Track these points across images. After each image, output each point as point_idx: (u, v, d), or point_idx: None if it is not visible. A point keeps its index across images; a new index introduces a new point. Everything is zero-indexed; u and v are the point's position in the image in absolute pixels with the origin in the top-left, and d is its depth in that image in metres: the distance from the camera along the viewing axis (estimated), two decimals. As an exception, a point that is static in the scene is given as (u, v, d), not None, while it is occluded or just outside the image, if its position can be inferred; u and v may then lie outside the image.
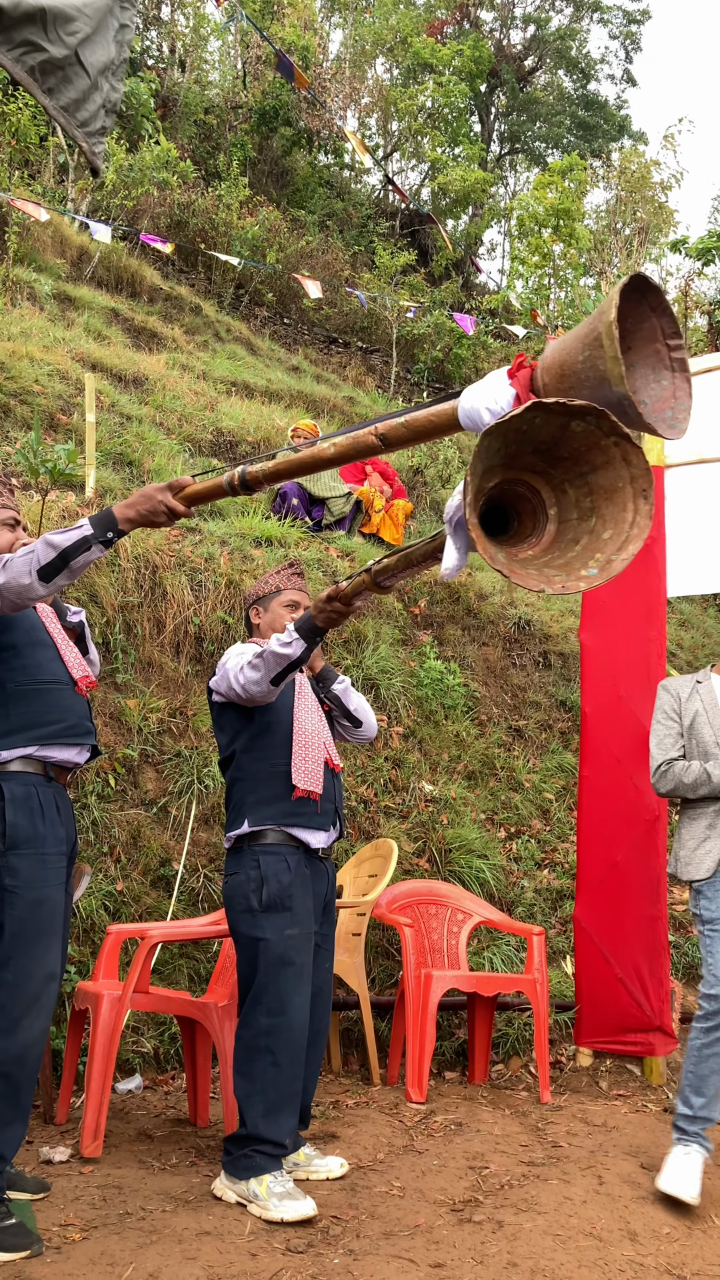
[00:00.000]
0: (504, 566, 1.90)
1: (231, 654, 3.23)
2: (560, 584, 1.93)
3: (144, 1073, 4.19)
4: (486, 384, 2.01)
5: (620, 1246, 2.78)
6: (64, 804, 2.89)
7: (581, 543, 1.97)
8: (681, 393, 1.95)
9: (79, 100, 2.01)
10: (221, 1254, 2.55)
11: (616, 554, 1.94)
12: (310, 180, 17.56)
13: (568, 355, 1.88)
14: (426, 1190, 3.11)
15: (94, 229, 7.32)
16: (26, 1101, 2.66)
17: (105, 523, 2.55)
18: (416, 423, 2.13)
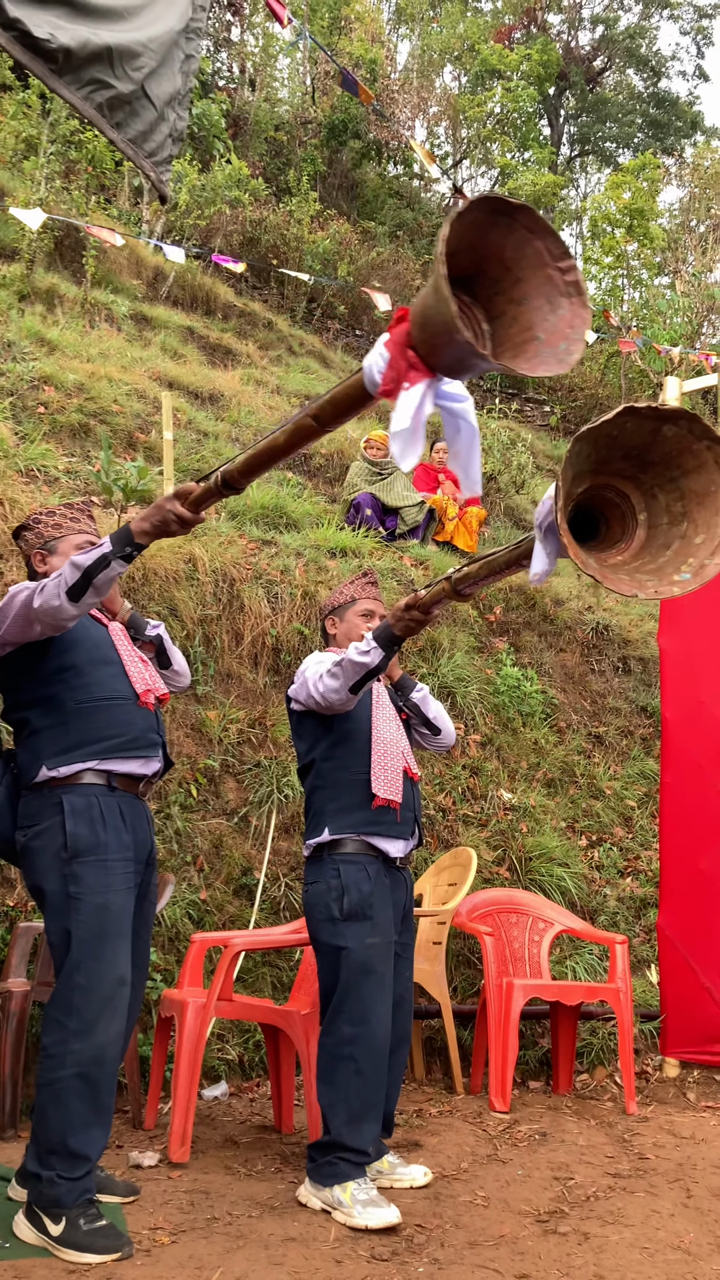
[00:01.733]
0: (595, 572, 1.88)
1: (310, 663, 3.26)
2: (653, 589, 1.90)
3: (229, 1080, 4.25)
4: (378, 344, 1.90)
5: (710, 1260, 2.74)
6: (131, 811, 2.93)
7: (673, 548, 1.94)
8: (579, 320, 1.78)
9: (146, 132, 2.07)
10: (307, 1260, 2.58)
11: (710, 558, 1.90)
12: (380, 191, 17.65)
13: (424, 303, 1.71)
14: (511, 1200, 3.10)
15: (167, 251, 7.46)
16: (107, 1104, 2.72)
17: (123, 539, 2.63)
18: (338, 398, 2.08)
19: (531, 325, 1.77)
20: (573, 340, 1.78)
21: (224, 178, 12.38)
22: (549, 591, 7.50)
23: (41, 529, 3.11)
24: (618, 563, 2.00)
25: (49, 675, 2.90)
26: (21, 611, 2.75)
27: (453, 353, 1.73)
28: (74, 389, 7.27)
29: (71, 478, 6.23)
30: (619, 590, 1.89)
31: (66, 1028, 2.69)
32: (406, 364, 1.81)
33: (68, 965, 2.73)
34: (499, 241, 1.72)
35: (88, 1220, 2.57)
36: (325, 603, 3.55)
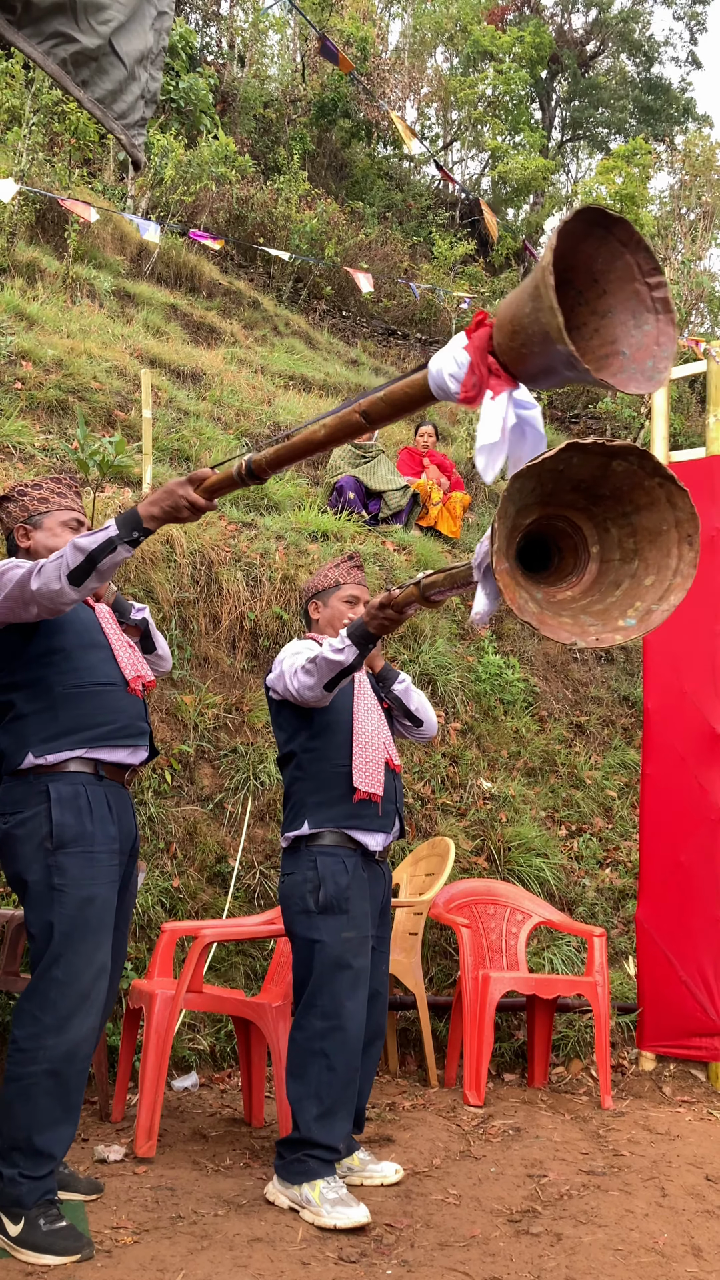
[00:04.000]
0: (534, 618, 1.79)
1: (287, 653, 3.18)
2: (595, 635, 1.81)
3: (200, 1070, 4.18)
4: (449, 347, 1.86)
5: (684, 1263, 2.69)
6: (118, 802, 2.86)
7: (623, 586, 1.86)
8: (665, 338, 1.76)
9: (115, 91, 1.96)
10: (273, 1262, 2.51)
11: (658, 604, 1.83)
12: (369, 172, 17.46)
13: (517, 309, 1.69)
14: (483, 1199, 3.04)
15: (143, 227, 7.30)
16: (76, 1100, 2.65)
17: (130, 522, 2.54)
18: (394, 396, 2.03)
19: (615, 339, 1.75)
20: (660, 358, 1.75)
21: (211, 154, 12.19)
22: (532, 579, 7.43)
23: (27, 502, 2.98)
24: (566, 599, 1.91)
25: (36, 658, 2.81)
26: (15, 592, 2.64)
27: (543, 363, 1.71)
28: (53, 365, 7.13)
29: (48, 455, 6.10)
30: (558, 638, 1.80)
31: (40, 1022, 2.61)
32: (488, 370, 1.79)
33: (46, 958, 2.65)
34: (590, 252, 1.70)
35: (48, 1221, 2.49)
36: (307, 585, 3.46)
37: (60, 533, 2.96)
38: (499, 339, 1.75)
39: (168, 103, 13.15)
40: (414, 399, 2.00)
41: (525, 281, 1.69)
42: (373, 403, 2.08)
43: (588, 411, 14.13)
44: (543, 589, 1.90)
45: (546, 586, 1.92)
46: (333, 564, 3.42)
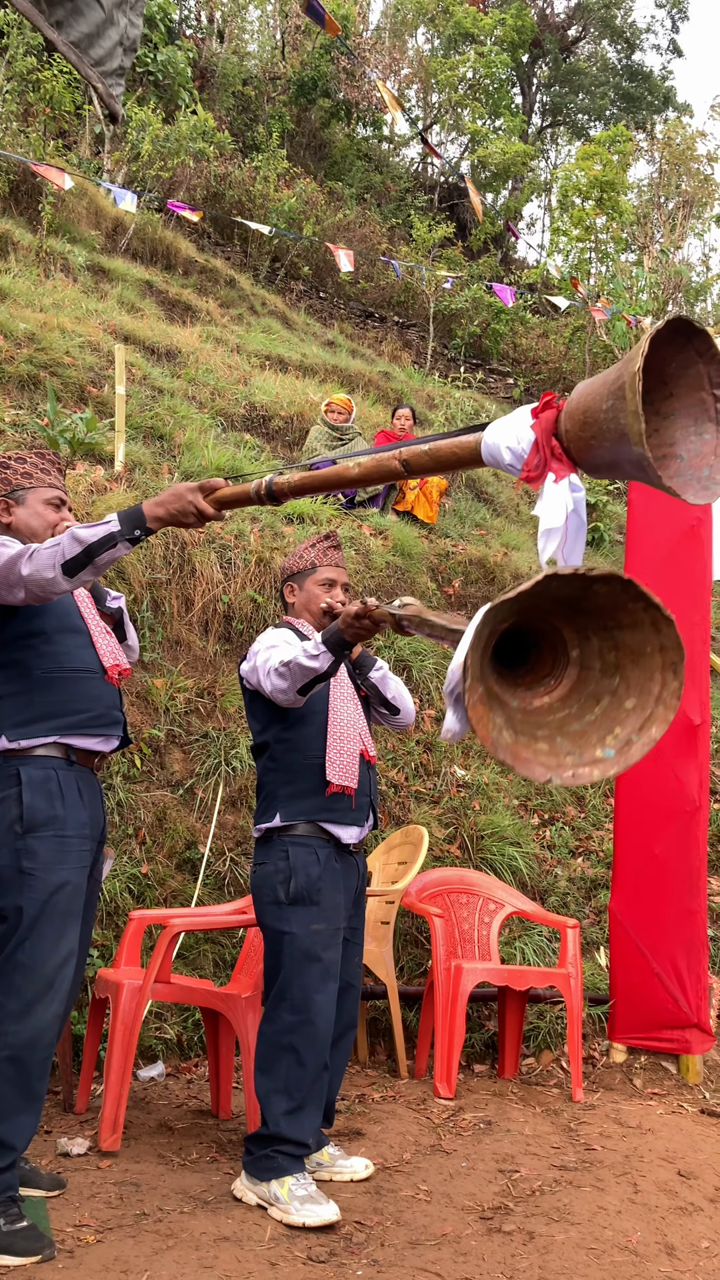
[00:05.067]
0: (507, 752, 1.70)
1: (262, 645, 3.09)
2: (571, 770, 1.73)
3: (167, 1060, 4.11)
4: (511, 421, 1.89)
5: (657, 1262, 2.65)
6: (88, 788, 2.80)
7: (602, 703, 1.78)
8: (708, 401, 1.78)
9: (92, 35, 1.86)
10: (240, 1262, 2.45)
11: (638, 734, 1.74)
12: (348, 153, 17.29)
13: (593, 401, 1.72)
14: (454, 1195, 2.99)
15: (118, 195, 7.13)
16: (38, 1090, 2.58)
17: (134, 520, 2.47)
18: (440, 452, 2.05)
19: (674, 442, 1.76)
20: (716, 468, 1.75)
21: (189, 129, 12.00)
22: (509, 566, 7.38)
23: (10, 475, 2.90)
24: (543, 706, 1.82)
25: (14, 640, 2.74)
26: (3, 573, 2.56)
27: (610, 458, 1.73)
28: (24, 339, 6.98)
29: (18, 430, 5.97)
30: (533, 775, 1.71)
31: (3, 1008, 2.55)
32: (550, 454, 1.82)
33: (12, 942, 2.59)
34: (666, 356, 1.71)
35: (8, 1220, 2.42)
36: (284, 566, 3.37)
37: (43, 511, 2.88)
38: (568, 425, 1.78)
39: (145, 75, 12.94)
40: (461, 460, 2.02)
41: (607, 374, 1.70)
42: (415, 454, 2.08)
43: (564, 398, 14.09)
44: (519, 694, 1.81)
45: (523, 690, 1.82)
46: (308, 544, 3.33)
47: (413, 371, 12.48)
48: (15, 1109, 2.53)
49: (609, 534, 9.72)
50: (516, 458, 1.85)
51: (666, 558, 4.67)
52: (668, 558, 4.66)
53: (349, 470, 2.24)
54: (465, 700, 1.65)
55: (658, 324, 1.67)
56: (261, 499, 2.41)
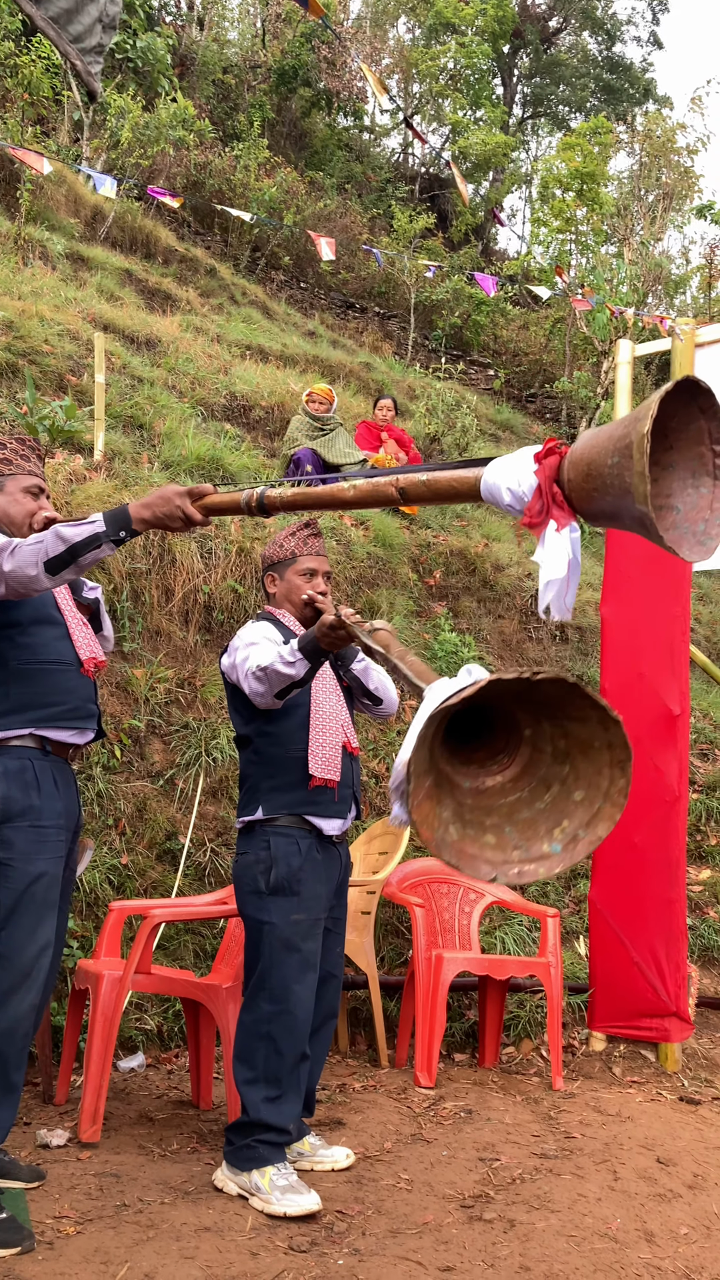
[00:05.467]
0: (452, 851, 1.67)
1: (241, 642, 3.06)
2: (517, 866, 1.70)
3: (147, 1050, 4.10)
4: (513, 462, 1.90)
5: (637, 1249, 2.66)
6: (64, 778, 2.79)
7: (553, 790, 1.75)
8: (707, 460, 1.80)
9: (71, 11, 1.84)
10: (221, 1253, 2.44)
11: (584, 830, 1.72)
12: (329, 143, 17.21)
13: (597, 454, 1.74)
14: (435, 1184, 3.00)
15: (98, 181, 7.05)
16: (16, 1080, 2.57)
17: (119, 521, 2.44)
18: (438, 483, 2.05)
19: (671, 493, 1.79)
20: (711, 523, 1.78)
21: (168, 116, 11.90)
22: (489, 557, 7.38)
23: None
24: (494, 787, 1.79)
25: None
26: None
27: (610, 510, 1.76)
28: (2, 327, 6.92)
29: (-4, 419, 5.91)
30: (477, 874, 1.70)
31: None
32: (553, 500, 1.83)
33: None
34: (669, 410, 1.73)
35: (-13, 1212, 2.41)
36: (265, 554, 3.33)
37: (21, 499, 2.86)
38: (571, 474, 1.79)
39: (124, 62, 12.83)
40: (458, 493, 2.02)
41: (613, 428, 1.71)
42: (413, 483, 2.08)
43: (544, 391, 14.10)
44: (472, 772, 1.78)
45: (476, 767, 1.80)
46: (288, 532, 3.28)
47: (393, 362, 12.45)
48: None
49: (589, 526, 9.73)
50: (516, 499, 1.87)
51: (647, 549, 4.67)
52: (647, 549, 4.67)
53: (344, 493, 2.23)
54: (409, 801, 1.63)
55: (667, 386, 1.69)
56: (251, 510, 2.39)
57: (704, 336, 4.77)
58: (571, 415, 13.28)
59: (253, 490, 2.40)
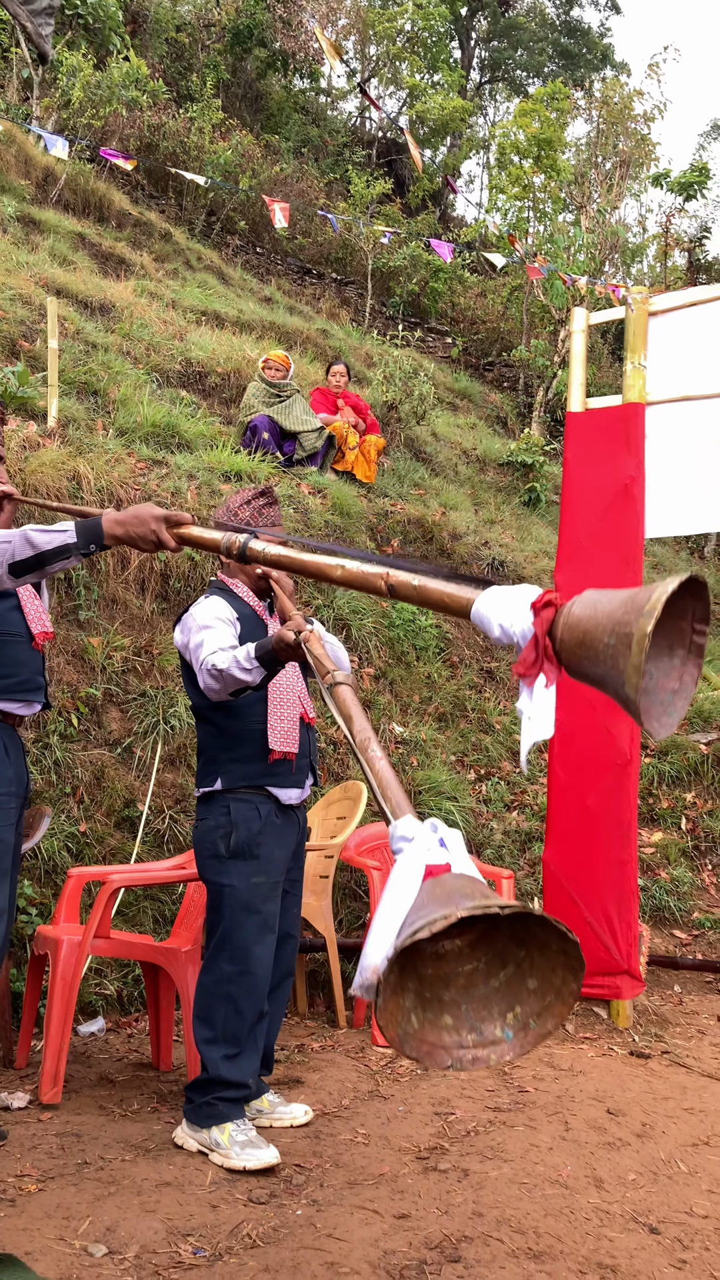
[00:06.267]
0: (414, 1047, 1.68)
1: (195, 621, 3.04)
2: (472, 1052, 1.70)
3: (107, 1015, 4.13)
4: (509, 600, 1.95)
5: (586, 1194, 2.75)
6: (14, 745, 2.79)
7: (508, 969, 1.73)
8: (689, 676, 1.90)
9: (22, -30, 1.81)
10: (181, 1205, 2.49)
11: (535, 1020, 1.72)
12: (285, 105, 17.00)
13: (595, 628, 1.80)
14: (392, 1138, 3.07)
15: (49, 141, 6.91)
16: None
17: (90, 534, 2.40)
18: (428, 592, 2.09)
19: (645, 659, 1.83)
20: (679, 694, 1.87)
21: (121, 76, 11.69)
22: (446, 525, 7.42)
23: None
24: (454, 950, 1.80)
25: None
26: None
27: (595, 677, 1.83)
28: (-47, 291, 6.81)
29: (-52, 385, 5.84)
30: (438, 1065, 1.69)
31: None
32: (544, 654, 1.89)
33: None
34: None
35: (-52, 1171, 2.43)
36: (217, 518, 3.29)
37: None
38: (565, 635, 1.85)
39: (75, 18, 12.56)
40: (447, 607, 2.07)
41: (616, 604, 1.78)
42: (403, 582, 2.12)
43: (502, 359, 14.11)
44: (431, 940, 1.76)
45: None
46: (243, 500, 3.25)
47: (351, 329, 12.40)
48: None
49: (545, 494, 9.81)
50: (505, 635, 1.93)
51: (600, 517, 4.73)
52: (601, 517, 4.73)
53: (332, 570, 2.24)
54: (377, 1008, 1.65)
55: (672, 584, 1.75)
56: (230, 555, 2.38)
57: (657, 305, 4.81)
58: (529, 384, 13.31)
59: (236, 536, 2.38)
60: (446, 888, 1.68)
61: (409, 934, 1.59)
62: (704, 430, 4.63)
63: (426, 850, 1.78)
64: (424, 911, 1.63)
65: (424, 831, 1.80)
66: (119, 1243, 2.27)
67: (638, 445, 4.68)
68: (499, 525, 8.45)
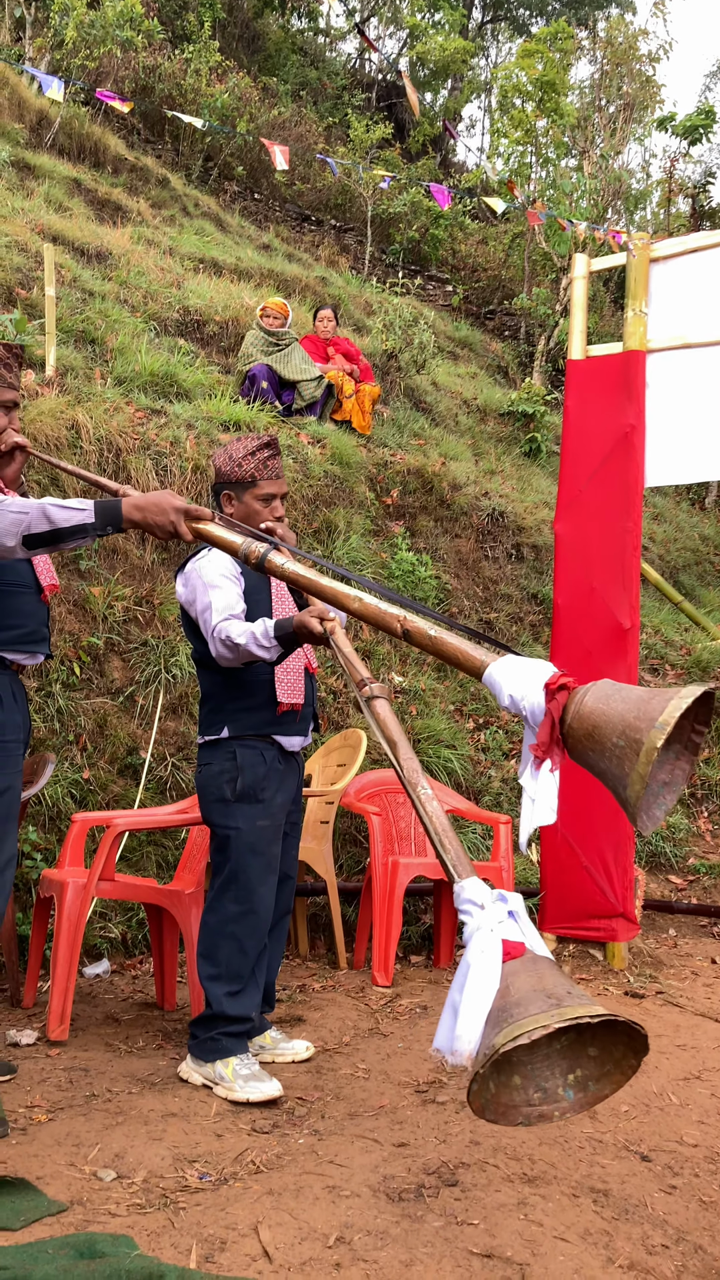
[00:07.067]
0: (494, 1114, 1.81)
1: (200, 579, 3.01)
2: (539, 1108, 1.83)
3: (111, 958, 4.21)
4: (524, 673, 2.01)
5: (580, 1124, 2.83)
6: (20, 692, 2.82)
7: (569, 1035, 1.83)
8: (680, 772, 1.98)
9: None
10: (187, 1134, 2.57)
11: (595, 1083, 1.84)
12: (283, 46, 16.68)
13: (606, 724, 1.86)
14: (391, 1072, 3.15)
15: (44, 82, 6.81)
16: None
17: (109, 517, 2.40)
18: (442, 646, 2.14)
19: None
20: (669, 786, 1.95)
21: (115, 15, 11.46)
22: (447, 475, 7.41)
23: None
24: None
25: None
26: None
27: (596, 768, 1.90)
28: (-52, 237, 6.74)
29: (-55, 334, 5.80)
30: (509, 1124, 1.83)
31: None
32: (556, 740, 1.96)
33: None
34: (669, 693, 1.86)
35: (-40, 1102, 2.51)
36: (219, 466, 3.22)
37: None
38: (574, 725, 1.91)
39: (68, -44, 12.27)
40: (459, 664, 2.12)
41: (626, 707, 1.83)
42: (420, 630, 2.16)
43: (503, 307, 13.98)
44: None
45: None
46: (246, 451, 3.17)
47: (350, 277, 12.27)
48: None
49: (546, 444, 9.77)
50: (513, 705, 2.01)
51: (600, 466, 4.73)
52: (601, 466, 4.73)
53: (349, 601, 2.28)
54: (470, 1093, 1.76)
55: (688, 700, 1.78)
56: (247, 562, 2.41)
57: (659, 251, 4.77)
58: (530, 332, 13.19)
59: (256, 545, 2.40)
60: (533, 979, 1.81)
61: (509, 1039, 1.71)
62: (705, 378, 4.62)
63: (498, 923, 1.89)
64: (518, 1009, 1.75)
65: (492, 900, 1.91)
66: (127, 1168, 2.35)
67: (638, 393, 4.67)
68: (499, 475, 8.44)
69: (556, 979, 1.81)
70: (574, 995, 1.77)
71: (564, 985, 1.80)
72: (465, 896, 1.95)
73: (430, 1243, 2.08)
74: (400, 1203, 2.25)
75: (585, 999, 1.76)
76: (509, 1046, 1.69)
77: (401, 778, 2.20)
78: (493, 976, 1.82)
